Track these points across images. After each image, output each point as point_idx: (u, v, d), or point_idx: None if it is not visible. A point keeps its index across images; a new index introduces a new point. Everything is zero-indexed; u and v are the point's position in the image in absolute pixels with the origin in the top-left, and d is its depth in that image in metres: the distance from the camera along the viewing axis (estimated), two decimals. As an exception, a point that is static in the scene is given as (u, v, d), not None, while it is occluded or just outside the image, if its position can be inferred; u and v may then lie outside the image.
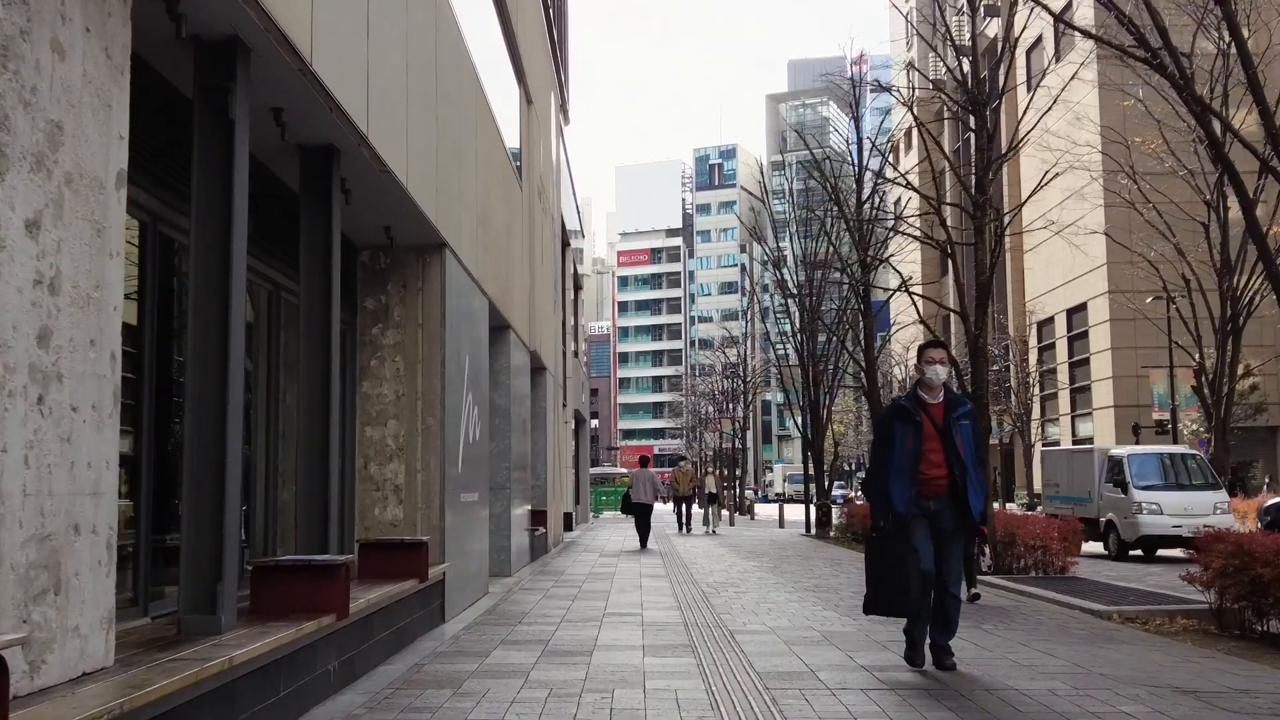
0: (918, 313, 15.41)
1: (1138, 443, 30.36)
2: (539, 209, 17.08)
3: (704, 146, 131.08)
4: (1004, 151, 14.68)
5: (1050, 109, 15.04)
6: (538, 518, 16.29)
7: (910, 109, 15.13)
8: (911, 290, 15.61)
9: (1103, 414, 47.94)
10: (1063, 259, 44.07)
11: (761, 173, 29.22)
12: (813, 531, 25.35)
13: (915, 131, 29.18)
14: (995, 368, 55.25)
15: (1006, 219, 14.30)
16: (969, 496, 6.07)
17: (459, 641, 7.61)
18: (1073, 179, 22.95)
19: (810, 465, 27.37)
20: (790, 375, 25.98)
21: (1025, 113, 14.96)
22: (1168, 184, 27.42)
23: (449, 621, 8.60)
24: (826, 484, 26.53)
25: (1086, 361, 49.86)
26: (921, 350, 6.39)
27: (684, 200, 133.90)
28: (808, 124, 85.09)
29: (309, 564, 5.32)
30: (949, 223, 16.02)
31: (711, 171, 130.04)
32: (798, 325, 25.58)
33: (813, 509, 26.38)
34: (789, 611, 9.34)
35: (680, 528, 26.05)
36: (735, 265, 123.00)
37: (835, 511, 24.91)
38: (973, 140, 14.75)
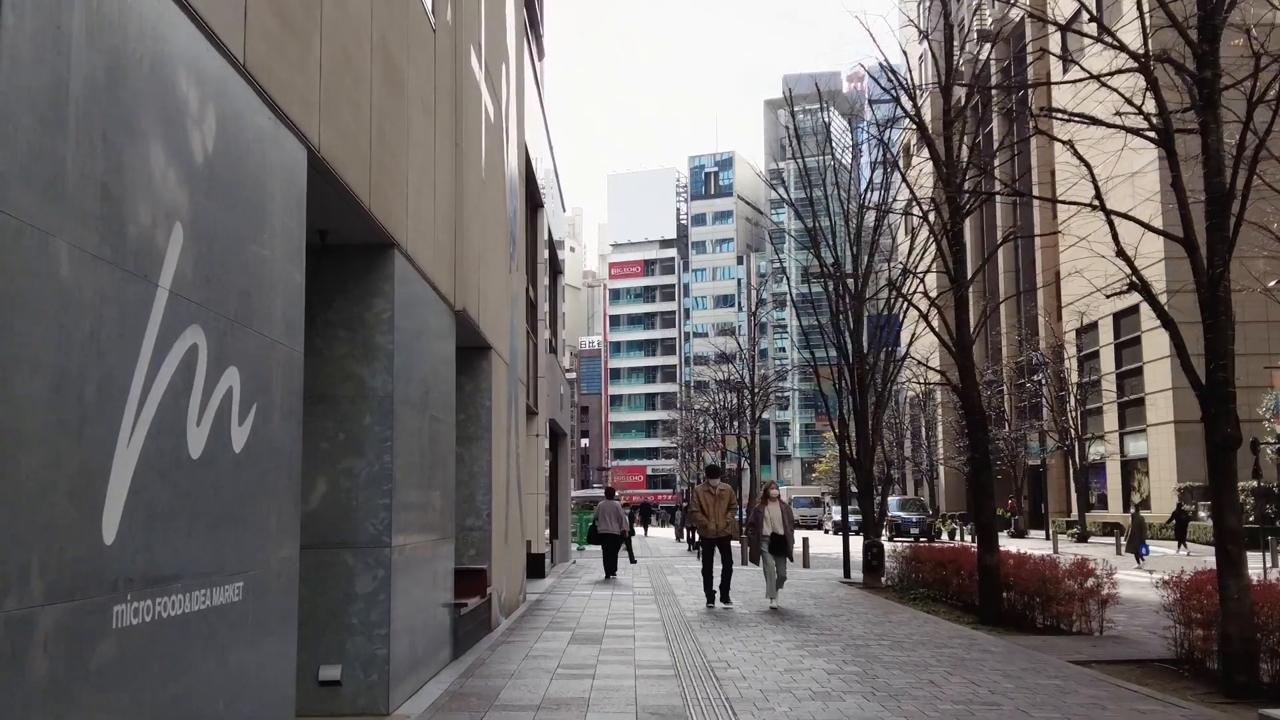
0: (1122, 257, 9.38)
1: (1257, 463, 24.25)
2: (477, 90, 10.98)
3: (699, 155, 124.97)
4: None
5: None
6: (469, 582, 10.09)
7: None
8: (1108, 208, 9.52)
9: (1160, 430, 41.79)
10: (1107, 257, 38.14)
11: (794, 131, 23.20)
12: (854, 577, 19.21)
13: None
14: (1036, 378, 49.17)
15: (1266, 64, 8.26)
16: None
17: None
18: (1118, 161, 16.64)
19: (849, 490, 21.24)
20: (833, 372, 19.75)
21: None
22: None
23: None
24: (876, 514, 20.32)
25: (1139, 371, 43.64)
26: None
27: (679, 210, 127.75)
28: (808, 132, 78.62)
29: None
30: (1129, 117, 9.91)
31: (707, 180, 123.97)
32: (838, 310, 19.48)
33: (854, 544, 20.38)
34: None
35: (709, 595, 14.38)
36: (732, 279, 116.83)
37: (886, 549, 18.73)
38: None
